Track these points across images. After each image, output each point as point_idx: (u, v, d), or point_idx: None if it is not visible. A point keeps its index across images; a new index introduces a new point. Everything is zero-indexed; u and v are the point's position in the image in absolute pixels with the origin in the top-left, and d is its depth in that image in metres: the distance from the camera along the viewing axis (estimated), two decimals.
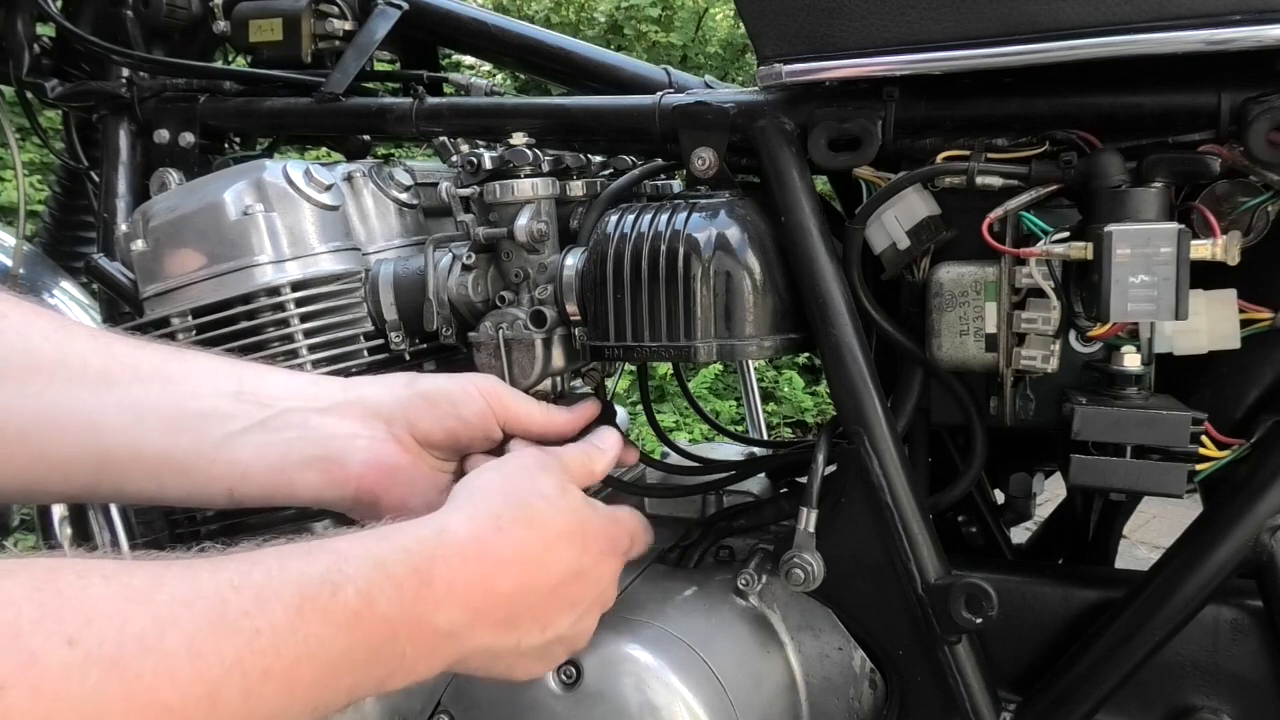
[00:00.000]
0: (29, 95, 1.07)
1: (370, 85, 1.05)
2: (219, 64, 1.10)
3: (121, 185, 1.02)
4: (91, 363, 0.63)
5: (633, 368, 1.02)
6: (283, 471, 0.65)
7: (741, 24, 0.79)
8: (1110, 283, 0.64)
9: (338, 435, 0.66)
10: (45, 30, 1.06)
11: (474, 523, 0.59)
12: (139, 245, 0.87)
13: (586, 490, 0.69)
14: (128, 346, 0.66)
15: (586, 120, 0.88)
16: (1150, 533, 2.46)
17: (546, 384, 0.81)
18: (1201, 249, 0.65)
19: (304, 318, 0.83)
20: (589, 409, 0.78)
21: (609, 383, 0.91)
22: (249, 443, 0.65)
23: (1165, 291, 0.64)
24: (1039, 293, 0.71)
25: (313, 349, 0.83)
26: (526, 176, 0.81)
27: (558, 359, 0.80)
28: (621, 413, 1.11)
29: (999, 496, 0.96)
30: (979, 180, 0.71)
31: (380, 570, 0.52)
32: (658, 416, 1.51)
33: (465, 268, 0.82)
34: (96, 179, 1.05)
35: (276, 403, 0.67)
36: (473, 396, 0.70)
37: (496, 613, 0.58)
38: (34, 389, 0.61)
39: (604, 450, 0.74)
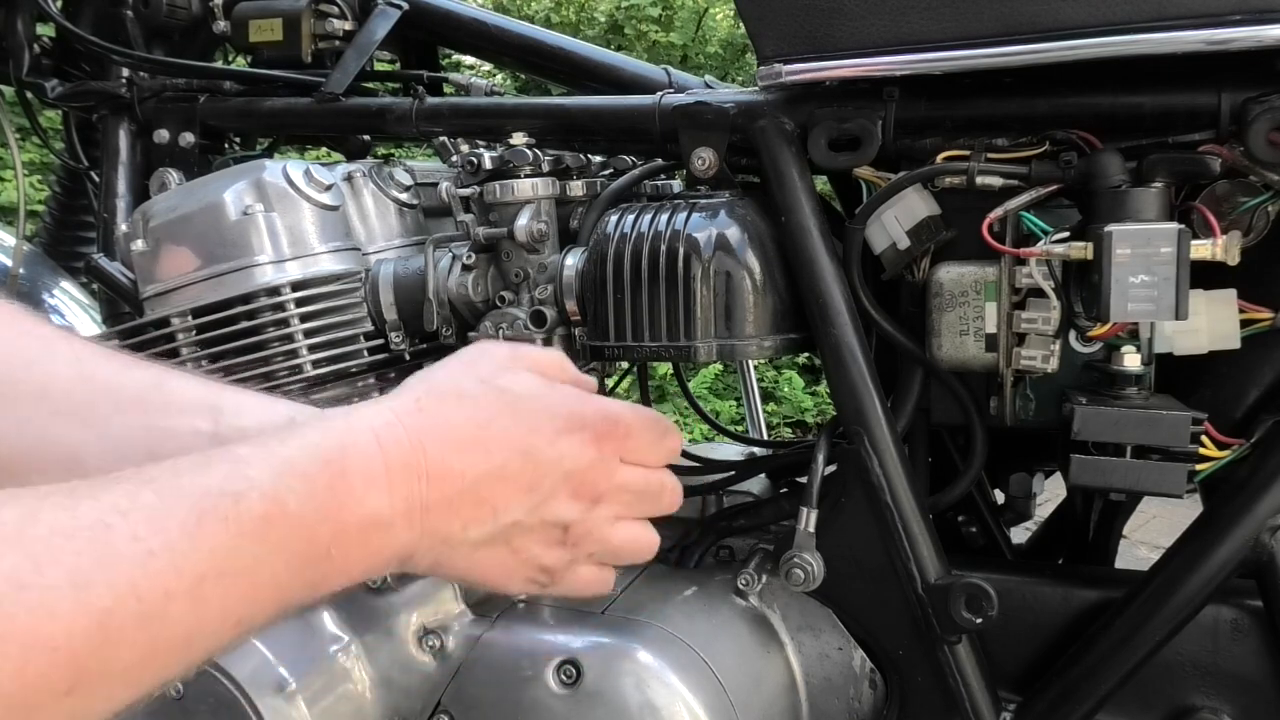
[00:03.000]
0: (29, 95, 1.07)
1: (370, 85, 1.05)
2: (219, 64, 1.10)
3: (121, 185, 1.02)
4: (74, 395, 0.62)
5: (633, 368, 1.02)
6: None
7: (741, 24, 0.79)
8: (1110, 283, 0.64)
9: None
10: (45, 30, 1.06)
11: (388, 410, 0.54)
12: (139, 245, 0.87)
13: None
14: (110, 370, 0.65)
15: (586, 120, 0.88)
16: (1150, 533, 2.46)
17: None
18: (1201, 249, 0.65)
19: (304, 318, 0.83)
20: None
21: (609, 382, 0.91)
22: None
23: (1165, 291, 0.64)
24: (1039, 293, 0.71)
25: (313, 349, 0.83)
26: (526, 176, 0.81)
27: None
28: None
29: (999, 496, 0.96)
30: (979, 180, 0.71)
31: (287, 469, 0.48)
32: None
33: (465, 268, 0.82)
34: (96, 179, 1.05)
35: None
36: None
37: (428, 495, 0.53)
38: (15, 420, 0.60)
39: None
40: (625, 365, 0.94)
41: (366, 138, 1.13)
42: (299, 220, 0.85)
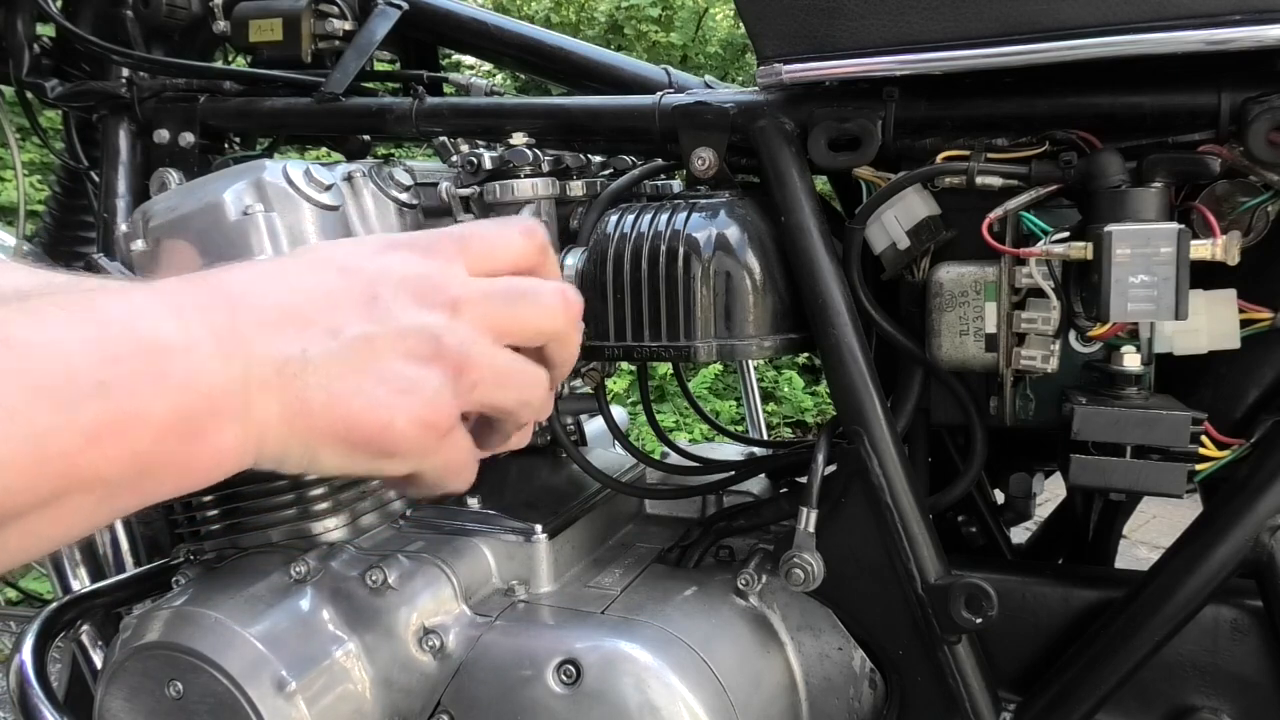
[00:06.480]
0: (29, 95, 1.07)
1: (370, 85, 1.05)
2: (219, 64, 1.10)
3: (121, 185, 1.02)
4: None
5: (633, 368, 1.02)
6: None
7: (741, 24, 0.79)
8: (1110, 283, 0.64)
9: None
10: (45, 30, 1.07)
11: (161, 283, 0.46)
12: (139, 245, 0.87)
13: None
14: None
15: (586, 120, 0.88)
16: (1150, 533, 2.47)
17: None
18: (1201, 249, 0.65)
19: None
20: None
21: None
22: None
23: (1165, 291, 0.64)
24: (1039, 293, 0.71)
25: None
26: (526, 176, 0.81)
27: None
28: (621, 412, 1.12)
29: (999, 496, 0.96)
30: (979, 180, 0.71)
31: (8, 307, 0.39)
32: (658, 416, 1.51)
33: None
34: (96, 179, 1.05)
35: None
36: None
37: (235, 320, 0.44)
38: None
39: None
40: (625, 365, 0.94)
41: (366, 138, 1.13)
42: (299, 220, 0.85)
